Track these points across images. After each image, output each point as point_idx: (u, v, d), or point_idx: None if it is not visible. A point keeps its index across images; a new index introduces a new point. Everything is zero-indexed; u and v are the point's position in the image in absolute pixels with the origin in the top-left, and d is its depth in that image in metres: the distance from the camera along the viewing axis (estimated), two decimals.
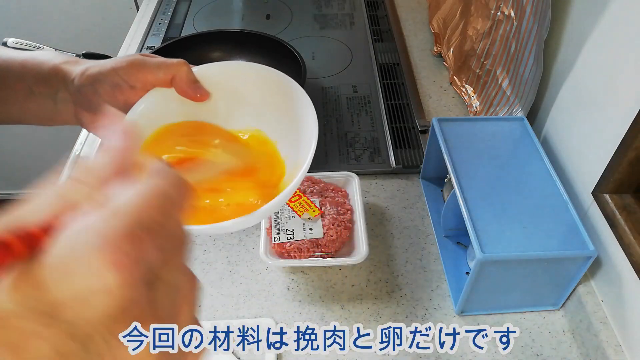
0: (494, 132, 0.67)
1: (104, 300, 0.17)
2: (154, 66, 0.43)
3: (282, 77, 0.46)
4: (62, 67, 0.45)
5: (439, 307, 0.60)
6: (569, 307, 0.59)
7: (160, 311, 0.20)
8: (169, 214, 0.20)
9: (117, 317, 0.18)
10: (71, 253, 0.18)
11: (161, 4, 1.17)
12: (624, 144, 0.51)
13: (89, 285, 0.17)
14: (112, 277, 0.17)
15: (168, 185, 0.21)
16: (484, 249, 0.52)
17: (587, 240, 0.53)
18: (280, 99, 0.46)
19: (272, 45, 0.90)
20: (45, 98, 0.45)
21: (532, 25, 0.67)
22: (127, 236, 0.18)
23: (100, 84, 0.42)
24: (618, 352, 0.53)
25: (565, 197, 0.58)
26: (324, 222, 0.63)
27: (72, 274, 0.17)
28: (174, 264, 0.21)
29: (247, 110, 0.48)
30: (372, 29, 1.07)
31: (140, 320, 0.18)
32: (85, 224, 0.18)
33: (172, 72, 0.43)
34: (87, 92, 0.43)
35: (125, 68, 0.42)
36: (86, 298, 0.17)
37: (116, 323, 0.18)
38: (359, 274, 0.64)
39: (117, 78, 0.42)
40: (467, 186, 0.59)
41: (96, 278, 0.17)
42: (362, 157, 0.78)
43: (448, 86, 0.93)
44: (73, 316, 0.17)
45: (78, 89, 0.43)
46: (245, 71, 0.47)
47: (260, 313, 0.60)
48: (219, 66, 0.47)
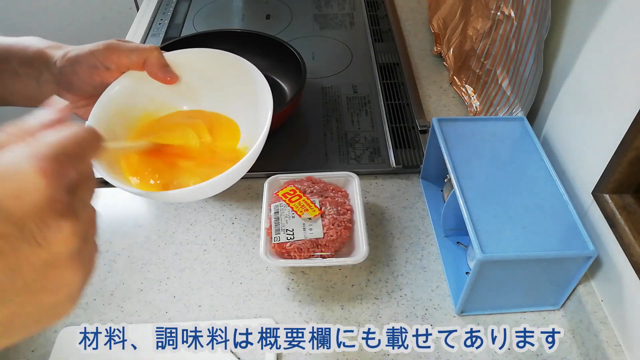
0: (494, 132, 0.67)
1: (34, 195, 0.23)
2: (128, 50, 0.47)
3: (241, 61, 0.51)
4: (46, 50, 0.48)
5: (439, 307, 0.60)
6: (569, 307, 0.59)
7: (78, 214, 0.25)
8: (84, 150, 0.27)
9: (46, 209, 0.23)
10: (8, 166, 0.23)
11: (161, 4, 1.17)
12: (624, 144, 0.52)
13: (24, 187, 0.23)
14: (40, 181, 0.23)
15: (84, 131, 0.27)
16: (484, 249, 0.52)
17: (587, 240, 0.53)
18: (240, 78, 0.51)
19: (272, 45, 0.90)
20: (29, 79, 0.48)
21: (532, 25, 0.67)
22: (53, 157, 0.24)
23: (79, 66, 0.46)
24: (618, 352, 0.53)
25: (565, 197, 0.58)
26: (324, 222, 0.63)
27: (9, 178, 0.23)
28: (87, 190, 0.27)
29: (213, 92, 0.52)
30: (372, 29, 1.07)
31: (64, 215, 0.24)
32: (20, 150, 0.24)
33: (144, 56, 0.47)
34: (67, 73, 0.46)
35: (101, 51, 0.46)
36: (21, 196, 0.23)
37: (46, 213, 0.23)
38: (359, 274, 0.64)
39: (94, 60, 0.46)
40: (467, 186, 0.59)
41: (29, 181, 0.23)
42: (362, 157, 0.78)
43: (448, 86, 0.93)
44: (11, 208, 0.23)
45: (59, 71, 0.47)
46: (211, 56, 0.52)
47: (260, 313, 0.60)
48: (187, 52, 0.52)
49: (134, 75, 0.48)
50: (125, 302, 0.61)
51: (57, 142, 0.25)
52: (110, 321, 0.59)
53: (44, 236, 0.24)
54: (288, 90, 0.89)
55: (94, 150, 0.28)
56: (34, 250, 0.23)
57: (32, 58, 0.48)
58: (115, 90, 0.48)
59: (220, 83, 0.52)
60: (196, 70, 0.52)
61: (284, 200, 0.65)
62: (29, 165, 0.23)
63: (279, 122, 0.80)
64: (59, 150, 0.25)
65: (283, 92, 0.89)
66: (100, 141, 0.29)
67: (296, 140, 0.81)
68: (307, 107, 0.88)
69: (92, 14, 1.44)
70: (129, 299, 0.61)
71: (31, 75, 0.48)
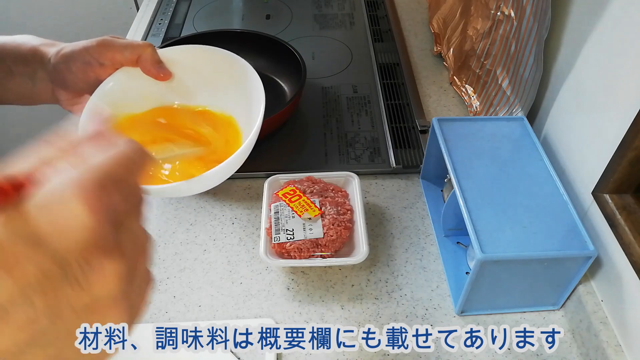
0: (494, 132, 0.67)
1: (80, 233, 0.21)
2: (121, 46, 0.47)
3: (233, 57, 0.51)
4: (40, 48, 0.48)
5: (439, 307, 0.60)
6: (569, 307, 0.59)
7: (124, 249, 0.23)
8: (132, 173, 0.25)
9: (90, 248, 0.21)
10: (53, 196, 0.21)
11: (161, 4, 1.17)
12: (624, 144, 0.51)
13: (68, 221, 0.21)
14: (86, 216, 0.21)
15: (131, 151, 0.25)
16: (483, 249, 0.52)
17: (587, 240, 0.53)
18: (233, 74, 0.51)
19: (272, 45, 0.90)
20: (24, 77, 0.48)
21: (532, 25, 0.67)
22: (99, 186, 0.22)
23: (73, 62, 0.46)
24: (618, 352, 0.53)
25: (565, 197, 0.58)
26: (324, 222, 0.63)
27: (55, 212, 0.21)
28: (135, 216, 0.25)
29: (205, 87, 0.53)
30: (372, 29, 1.07)
31: (108, 253, 0.22)
32: (64, 175, 0.22)
33: (138, 52, 0.47)
34: (62, 69, 0.47)
35: (95, 47, 0.46)
36: (65, 231, 0.21)
37: (89, 252, 0.21)
38: (359, 274, 0.64)
39: (88, 56, 0.46)
40: (467, 186, 0.59)
41: (74, 216, 0.21)
42: (362, 157, 0.78)
43: (448, 86, 0.93)
44: (55, 244, 0.21)
45: (54, 67, 0.47)
46: (204, 53, 0.53)
47: (260, 313, 0.60)
48: (180, 49, 0.53)
49: (128, 71, 0.49)
50: None
51: (104, 166, 0.23)
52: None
53: (86, 277, 0.22)
54: (288, 90, 0.89)
55: (143, 172, 0.26)
56: (76, 293, 0.22)
57: (26, 56, 0.48)
58: (110, 86, 0.48)
59: (213, 79, 0.52)
60: (189, 66, 0.52)
61: (284, 200, 0.65)
62: (74, 195, 0.21)
63: (279, 122, 0.80)
64: (105, 176, 0.23)
65: (283, 92, 0.89)
66: (149, 160, 0.26)
67: (296, 140, 0.81)
68: (307, 107, 0.88)
69: (92, 14, 1.44)
70: None
71: (25, 74, 0.48)
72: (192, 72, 0.52)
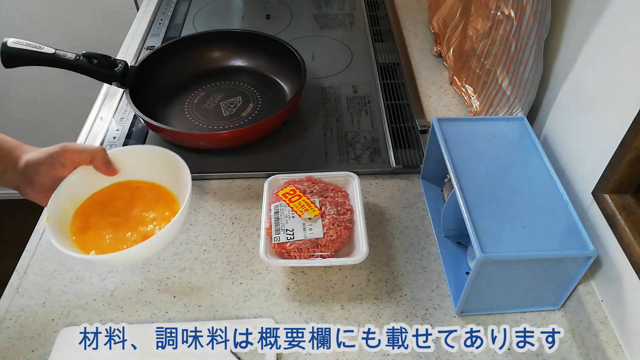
0: (494, 132, 0.67)
1: None
2: (79, 150, 0.60)
3: (170, 154, 0.62)
4: (14, 151, 0.58)
5: (439, 307, 0.60)
6: (569, 307, 0.59)
7: None
8: None
9: None
10: None
11: (161, 4, 1.17)
12: (624, 144, 0.52)
13: None
14: None
15: None
16: (483, 249, 0.52)
17: (587, 240, 0.53)
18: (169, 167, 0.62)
19: (272, 45, 0.90)
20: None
21: (532, 25, 0.67)
22: None
23: (40, 166, 0.58)
24: (618, 352, 0.53)
25: (565, 197, 0.58)
26: (324, 222, 0.63)
27: None
28: None
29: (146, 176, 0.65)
30: (372, 29, 1.07)
31: None
32: None
33: (91, 155, 0.60)
34: (30, 173, 0.58)
35: (58, 152, 0.58)
36: None
37: None
38: (359, 274, 0.64)
39: (52, 160, 0.58)
40: (467, 186, 0.59)
41: None
42: (362, 157, 0.78)
43: (448, 86, 0.93)
44: None
45: (23, 172, 0.58)
46: (144, 152, 0.65)
47: (260, 313, 0.60)
48: (125, 150, 0.66)
49: (84, 169, 0.61)
50: (125, 302, 0.61)
51: None
52: (110, 321, 0.59)
53: None
54: (288, 90, 0.89)
55: None
56: None
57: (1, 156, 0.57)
58: (72, 179, 0.60)
59: (152, 170, 0.64)
60: (134, 160, 0.64)
61: (284, 200, 0.65)
62: None
63: (279, 122, 0.80)
64: None
65: (283, 92, 0.89)
66: None
67: (296, 140, 0.81)
68: (307, 107, 0.88)
69: (92, 14, 1.44)
70: (129, 299, 0.61)
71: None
72: (136, 166, 0.64)
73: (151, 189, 0.63)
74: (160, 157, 0.63)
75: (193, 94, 0.89)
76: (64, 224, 0.58)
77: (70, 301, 0.61)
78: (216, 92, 0.90)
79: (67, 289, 0.62)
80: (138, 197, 0.63)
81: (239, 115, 0.85)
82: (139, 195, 0.63)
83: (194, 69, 0.92)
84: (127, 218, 0.60)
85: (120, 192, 0.63)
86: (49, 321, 0.59)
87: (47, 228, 0.55)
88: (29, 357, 0.56)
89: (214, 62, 0.94)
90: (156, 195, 0.63)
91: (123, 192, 0.63)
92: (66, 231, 0.58)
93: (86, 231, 0.59)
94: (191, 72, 0.92)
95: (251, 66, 0.94)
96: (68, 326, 0.58)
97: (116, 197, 0.63)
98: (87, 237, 0.58)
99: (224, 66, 0.94)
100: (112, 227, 0.59)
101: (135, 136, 0.82)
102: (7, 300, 0.61)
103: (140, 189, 0.63)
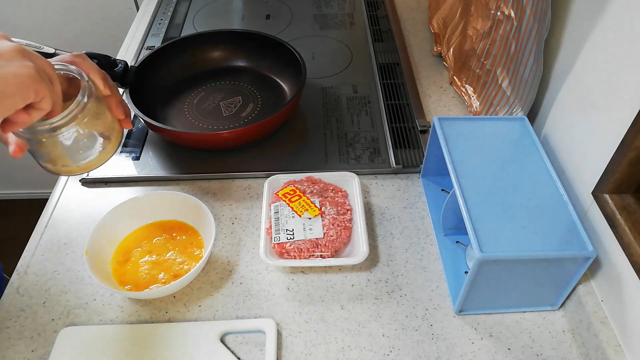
0: (494, 132, 0.67)
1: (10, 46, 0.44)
2: None
3: (193, 199, 0.66)
4: None
5: (439, 307, 0.60)
6: (569, 307, 0.59)
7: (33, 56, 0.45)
8: None
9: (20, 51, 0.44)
10: None
11: (161, 4, 1.17)
12: (624, 144, 0.52)
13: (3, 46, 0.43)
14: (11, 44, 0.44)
15: None
16: (483, 249, 0.52)
17: (586, 241, 0.53)
18: (195, 210, 0.66)
19: (272, 45, 0.90)
20: None
21: (532, 25, 0.67)
22: None
23: None
24: (618, 352, 0.53)
25: (565, 197, 0.58)
26: (324, 222, 0.63)
27: None
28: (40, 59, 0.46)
29: None
30: (372, 29, 1.07)
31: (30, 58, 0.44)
32: None
33: None
34: None
35: None
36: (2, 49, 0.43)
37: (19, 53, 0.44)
38: (359, 274, 0.64)
39: None
40: (467, 186, 0.59)
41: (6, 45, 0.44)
42: (362, 157, 0.78)
43: (448, 86, 0.93)
44: None
45: None
46: (168, 196, 0.68)
47: (260, 313, 0.60)
48: (158, 194, 0.68)
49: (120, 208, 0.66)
50: (125, 302, 0.61)
51: None
52: (110, 321, 0.59)
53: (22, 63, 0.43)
54: (288, 90, 0.89)
55: None
56: None
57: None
58: (106, 219, 0.64)
59: (175, 215, 0.68)
60: (168, 205, 0.69)
61: (284, 200, 0.65)
62: None
63: (279, 122, 0.80)
64: None
65: (283, 92, 0.89)
66: None
67: (296, 140, 0.82)
68: (307, 107, 0.88)
69: (92, 14, 1.44)
70: (129, 299, 0.61)
71: None
72: (170, 206, 0.68)
73: (182, 229, 0.67)
74: (187, 200, 0.67)
75: (193, 94, 0.89)
76: (102, 256, 0.62)
77: (70, 301, 0.61)
78: (216, 92, 0.90)
79: (67, 289, 0.62)
80: (172, 238, 0.66)
81: (239, 115, 0.85)
82: (172, 237, 0.66)
83: (193, 69, 0.93)
84: (161, 256, 0.64)
85: (157, 232, 0.67)
86: (49, 321, 0.59)
87: (85, 260, 0.59)
88: (29, 357, 0.56)
89: (214, 62, 0.94)
90: (189, 236, 0.66)
91: (160, 232, 0.67)
92: (105, 263, 0.62)
93: (125, 264, 0.63)
94: (191, 72, 0.92)
95: (251, 66, 0.94)
96: (68, 326, 0.58)
97: (155, 235, 0.66)
98: (124, 269, 0.63)
99: (224, 66, 0.94)
100: (148, 264, 0.63)
101: (136, 136, 0.82)
102: (7, 300, 0.61)
103: (174, 229, 0.67)
